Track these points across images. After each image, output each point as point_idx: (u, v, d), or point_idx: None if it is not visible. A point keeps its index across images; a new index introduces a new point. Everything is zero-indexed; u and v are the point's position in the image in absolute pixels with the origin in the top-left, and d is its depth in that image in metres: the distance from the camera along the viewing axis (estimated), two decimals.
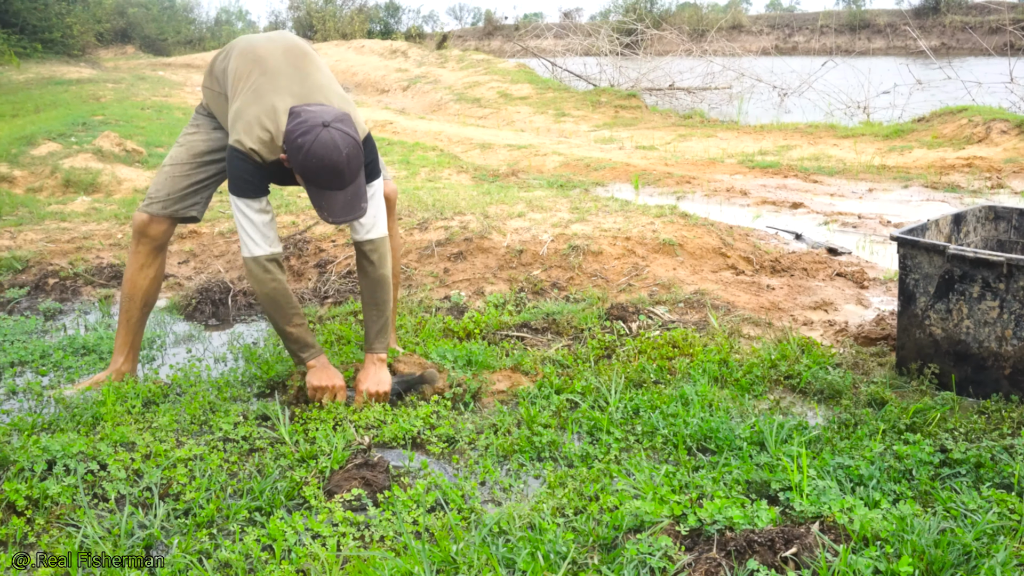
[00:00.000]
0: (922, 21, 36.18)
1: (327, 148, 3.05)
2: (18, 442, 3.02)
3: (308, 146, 3.05)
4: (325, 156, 3.06)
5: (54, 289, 5.07)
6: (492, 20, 45.04)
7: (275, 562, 2.38)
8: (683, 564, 2.32)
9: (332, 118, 3.12)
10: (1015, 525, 2.48)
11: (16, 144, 9.17)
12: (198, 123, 3.72)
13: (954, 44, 29.91)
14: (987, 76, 14.65)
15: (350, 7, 28.58)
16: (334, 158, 3.06)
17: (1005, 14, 25.41)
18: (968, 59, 22.76)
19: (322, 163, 3.07)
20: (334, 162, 3.07)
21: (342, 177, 3.12)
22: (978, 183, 7.89)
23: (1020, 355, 3.30)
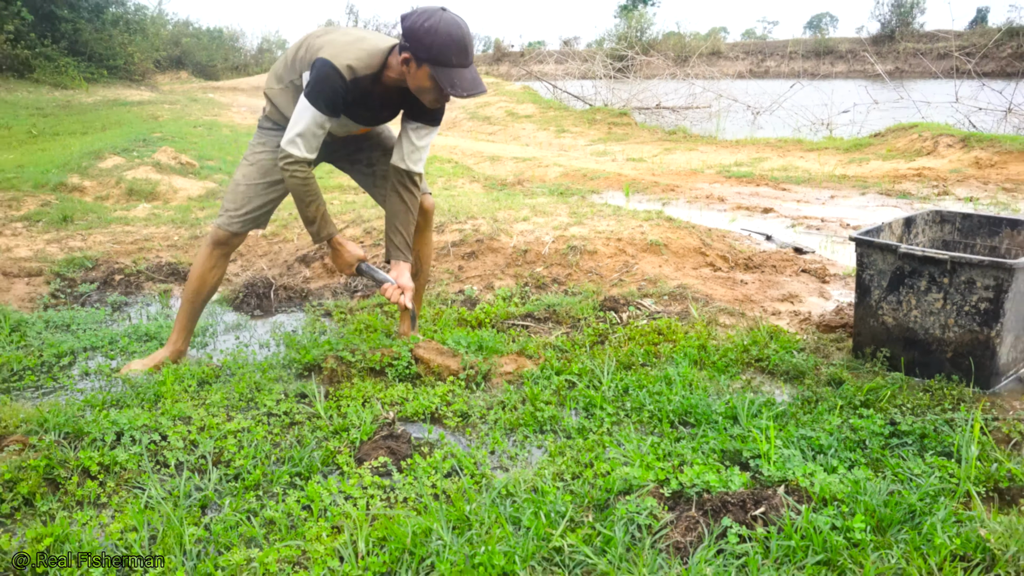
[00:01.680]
0: (879, 48, 36.04)
1: (454, 25, 2.98)
2: (91, 416, 3.06)
3: (436, 26, 2.96)
4: (455, 31, 2.98)
5: (120, 284, 5.11)
6: (500, 47, 44.94)
7: (313, 519, 2.42)
8: (666, 522, 2.35)
9: (445, 5, 3.05)
10: (954, 487, 2.51)
11: (86, 158, 9.20)
12: (264, 140, 3.57)
13: (907, 68, 29.80)
14: (935, 96, 14.62)
15: None
16: (463, 32, 3.00)
17: (952, 42, 25.30)
18: (919, 81, 22.68)
19: (452, 38, 2.97)
20: (463, 35, 3.00)
21: (467, 52, 3.05)
22: (927, 191, 7.88)
23: (960, 341, 3.32)
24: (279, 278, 5.06)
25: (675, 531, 2.32)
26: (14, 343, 3.95)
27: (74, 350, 3.90)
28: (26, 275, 5.16)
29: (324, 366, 3.54)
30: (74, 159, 9.19)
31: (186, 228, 6.39)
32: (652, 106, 18.59)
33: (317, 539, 2.30)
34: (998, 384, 3.35)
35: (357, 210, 6.39)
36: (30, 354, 3.81)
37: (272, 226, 6.13)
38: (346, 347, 3.67)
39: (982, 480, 2.56)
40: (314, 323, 4.27)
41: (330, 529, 2.36)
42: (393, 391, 3.33)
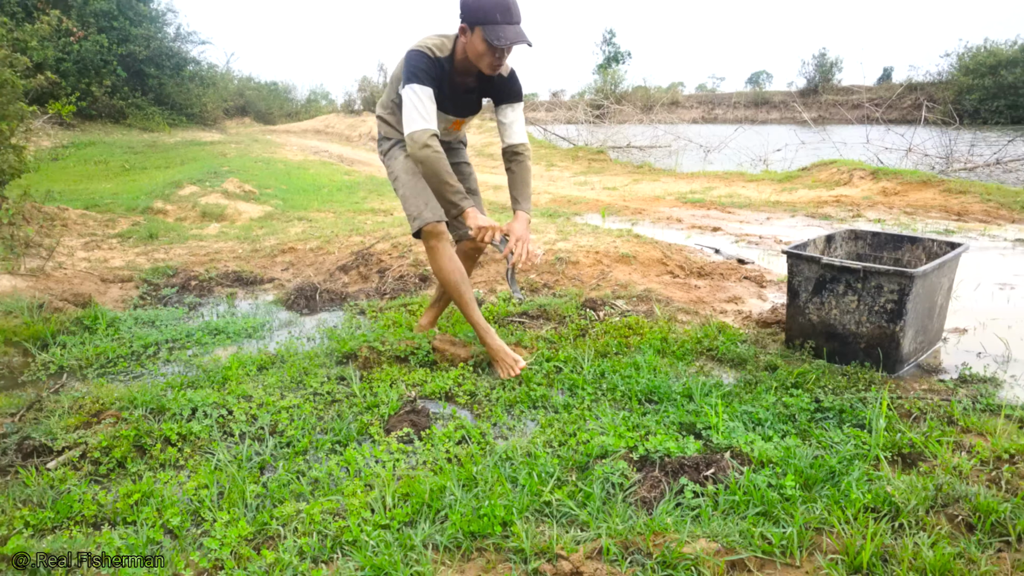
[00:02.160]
0: (805, 99, 36.07)
1: None
2: (171, 395, 3.06)
3: None
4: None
5: (195, 288, 5.11)
6: None
7: (350, 479, 2.42)
8: (635, 480, 2.35)
9: None
10: (866, 453, 2.51)
11: (168, 187, 9.20)
12: (393, 153, 3.37)
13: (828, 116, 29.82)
14: (850, 138, 14.66)
15: None
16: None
17: (863, 94, 25.41)
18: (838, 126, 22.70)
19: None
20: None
21: (511, 11, 2.88)
22: (844, 214, 7.88)
23: (871, 334, 3.32)
24: (323, 284, 5.06)
25: (642, 488, 2.31)
26: (110, 336, 3.95)
27: (158, 342, 3.89)
28: (119, 281, 5.16)
29: (359, 354, 3.53)
30: (159, 188, 9.19)
31: (248, 243, 6.39)
32: (624, 145, 18.60)
33: (353, 495, 2.30)
34: (902, 369, 3.35)
35: (386, 228, 6.39)
36: (122, 345, 3.81)
37: (316, 241, 6.13)
38: (377, 339, 3.66)
39: (888, 447, 2.55)
40: (351, 320, 4.26)
41: (363, 486, 2.35)
42: (415, 375, 3.33)
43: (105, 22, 19.10)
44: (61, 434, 2.74)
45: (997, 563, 1.95)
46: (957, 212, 7.67)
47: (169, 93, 21.29)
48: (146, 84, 20.61)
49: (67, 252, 5.90)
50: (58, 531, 2.19)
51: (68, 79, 18.10)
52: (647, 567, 1.93)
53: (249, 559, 2.02)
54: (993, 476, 2.37)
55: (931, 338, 3.59)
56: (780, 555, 1.99)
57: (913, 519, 2.12)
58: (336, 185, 10.41)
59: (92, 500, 2.31)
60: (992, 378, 3.28)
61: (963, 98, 29.35)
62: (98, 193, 9.12)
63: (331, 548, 2.07)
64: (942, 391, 3.13)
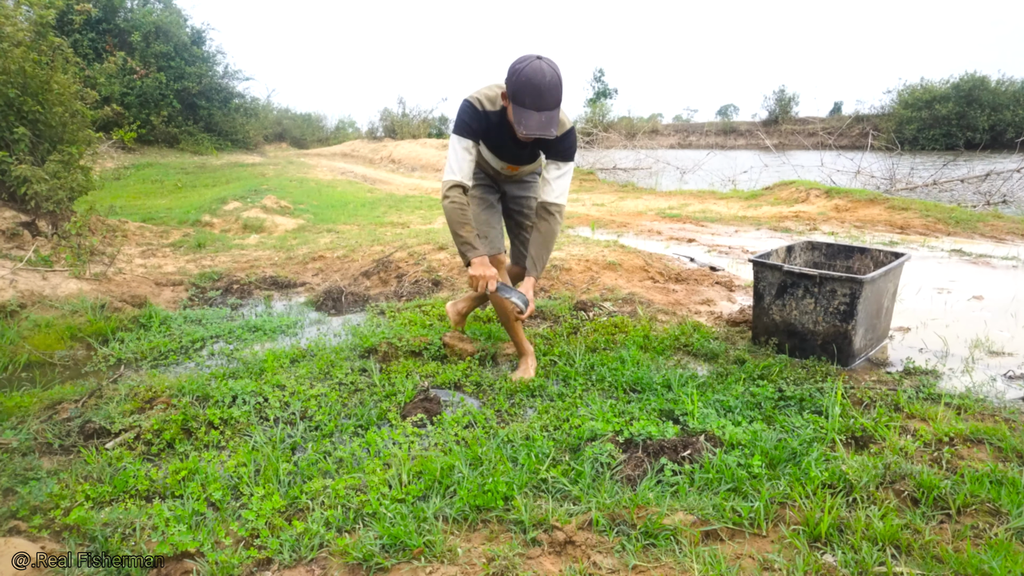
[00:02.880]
0: (768, 128, 36.02)
1: (537, 72, 2.55)
2: (215, 384, 3.03)
3: (522, 69, 2.56)
4: (534, 78, 2.54)
5: (236, 291, 5.07)
6: None
7: (370, 458, 2.39)
8: (621, 460, 2.31)
9: (542, 56, 2.62)
10: (823, 436, 2.48)
11: (215, 203, 9.17)
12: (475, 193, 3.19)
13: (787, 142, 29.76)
14: (807, 162, 14.61)
15: (417, 119, 28.54)
16: (537, 80, 2.55)
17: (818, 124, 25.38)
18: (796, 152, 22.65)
19: (530, 83, 2.55)
20: (540, 82, 2.55)
21: (541, 97, 2.57)
22: (802, 227, 7.84)
23: (827, 332, 3.28)
24: (348, 287, 5.02)
25: (627, 467, 2.28)
26: (162, 333, 3.92)
27: (204, 338, 3.86)
28: (171, 284, 5.13)
29: (379, 349, 3.50)
30: (206, 204, 9.17)
31: (283, 252, 6.36)
32: (611, 167, 18.55)
33: (373, 472, 2.26)
34: (854, 363, 3.31)
35: (403, 239, 6.36)
36: (173, 340, 3.77)
37: (343, 250, 6.10)
38: (395, 336, 3.63)
39: (843, 431, 2.52)
40: (372, 319, 4.22)
41: (382, 465, 2.32)
42: (427, 367, 3.29)
43: (164, 62, 19.11)
44: (118, 418, 2.71)
45: (939, 533, 1.91)
46: (900, 226, 7.63)
47: (217, 122, 21.28)
48: (197, 114, 20.60)
49: (126, 259, 5.87)
50: (115, 503, 2.16)
51: (131, 110, 18.10)
52: (631, 536, 1.89)
53: (281, 528, 1.99)
54: (935, 456, 2.34)
55: (879, 335, 3.55)
56: (749, 526, 1.96)
57: (865, 494, 2.08)
58: (360, 201, 10.38)
59: (145, 476, 2.28)
60: (932, 370, 3.25)
61: (903, 128, 29.30)
62: (154, 208, 9.09)
63: (353, 519, 2.03)
64: (889, 382, 3.09)
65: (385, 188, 13.24)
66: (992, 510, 2.00)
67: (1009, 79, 30.10)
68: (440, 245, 5.81)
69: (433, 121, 31.36)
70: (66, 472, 2.32)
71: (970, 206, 9.60)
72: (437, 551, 1.85)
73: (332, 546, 1.90)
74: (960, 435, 2.48)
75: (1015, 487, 2.08)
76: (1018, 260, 5.70)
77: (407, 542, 1.88)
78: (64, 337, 3.73)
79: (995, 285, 4.88)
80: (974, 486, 2.08)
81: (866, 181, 12.22)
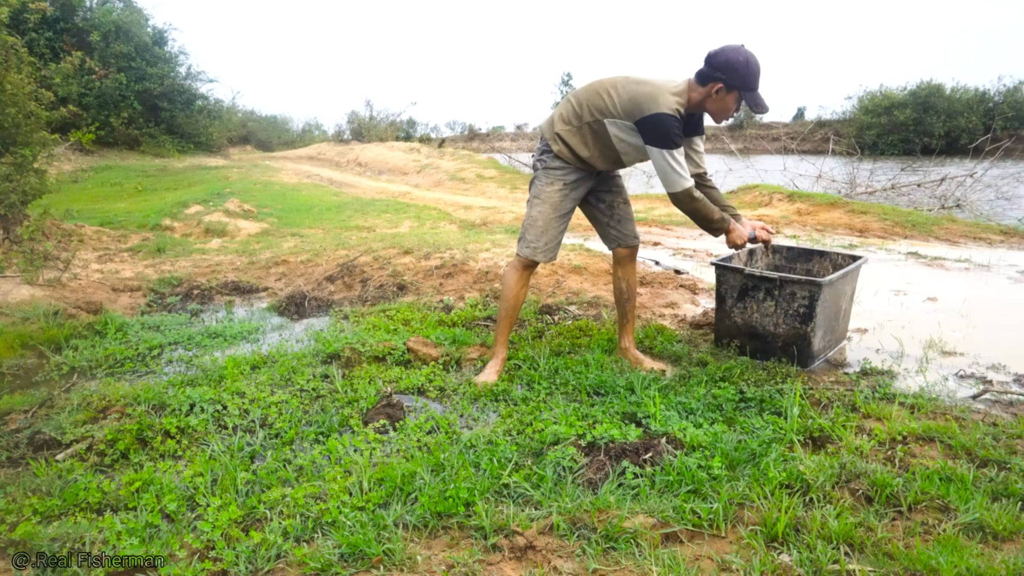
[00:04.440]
0: (733, 133, 36.57)
1: (755, 57, 2.80)
2: (172, 392, 2.96)
3: (748, 59, 2.75)
4: (756, 63, 2.80)
5: (197, 297, 4.97)
6: (473, 130, 44.88)
7: (331, 466, 2.35)
8: (583, 464, 2.32)
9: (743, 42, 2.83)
10: (782, 437, 2.51)
11: (176, 207, 8.99)
12: (552, 179, 3.12)
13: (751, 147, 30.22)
14: (771, 166, 14.85)
15: (385, 122, 28.37)
16: (756, 63, 2.80)
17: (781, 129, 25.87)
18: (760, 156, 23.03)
19: (759, 69, 2.79)
20: (758, 66, 2.80)
21: (758, 77, 2.82)
22: None
23: (787, 334, 3.34)
24: (312, 292, 4.96)
25: (589, 470, 2.28)
26: (118, 340, 3.82)
27: (162, 344, 3.77)
28: (129, 290, 5.02)
29: (342, 354, 3.46)
30: (168, 207, 8.98)
31: (246, 256, 6.25)
32: None
33: (334, 480, 2.23)
34: (813, 364, 3.37)
35: (369, 243, 6.30)
36: (130, 347, 3.68)
37: (307, 254, 6.02)
38: (358, 341, 3.59)
39: (801, 431, 2.56)
40: (336, 324, 4.17)
41: (343, 473, 2.29)
42: (391, 372, 3.26)
43: (124, 63, 18.69)
44: (70, 428, 2.64)
45: (891, 530, 1.95)
46: (860, 229, 7.81)
47: (180, 124, 20.88)
48: (159, 116, 20.20)
49: (82, 264, 5.72)
50: (64, 517, 2.09)
51: (89, 111, 17.69)
52: (592, 540, 1.90)
53: (238, 539, 1.95)
54: (889, 455, 2.39)
55: (838, 337, 3.63)
56: (708, 527, 1.97)
57: (821, 494, 2.12)
58: (326, 205, 10.27)
59: (97, 488, 2.22)
60: (888, 371, 3.32)
61: (864, 133, 29.98)
62: (113, 212, 8.88)
63: (312, 528, 2.00)
64: (847, 382, 3.15)
65: (352, 192, 13.13)
66: (941, 506, 2.05)
67: (963, 87, 31.04)
68: (405, 249, 5.78)
69: (401, 124, 31.21)
70: (13, 486, 2.25)
71: (926, 210, 9.86)
72: (397, 559, 1.83)
73: (290, 557, 1.87)
74: (913, 434, 2.54)
75: (963, 484, 2.13)
76: (970, 262, 5.87)
77: (366, 551, 1.86)
78: (14, 345, 3.62)
79: (949, 287, 5.02)
80: (925, 483, 2.13)
81: (827, 185, 12.47)
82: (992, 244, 6.85)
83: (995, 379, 3.24)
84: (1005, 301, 4.64)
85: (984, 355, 3.56)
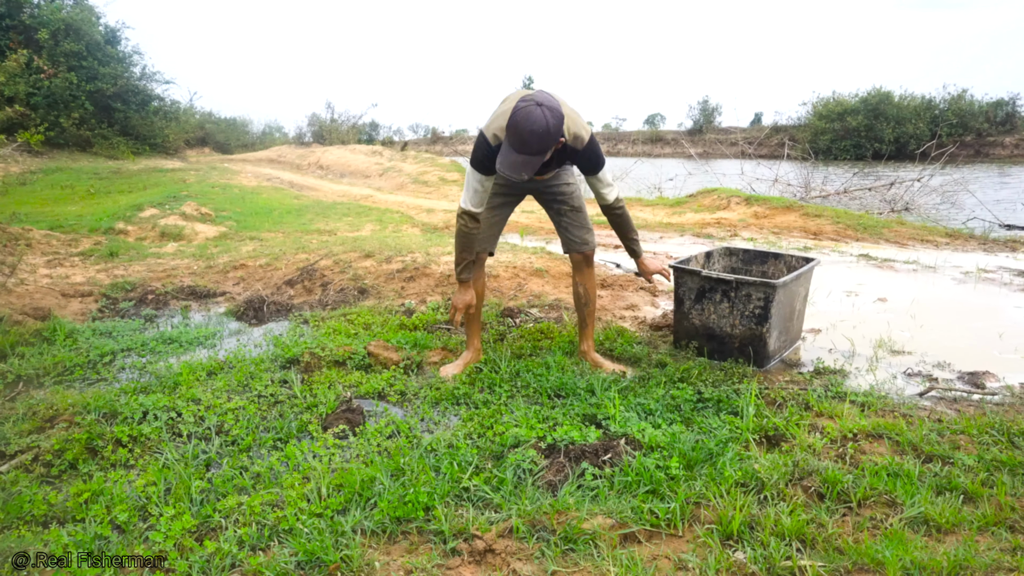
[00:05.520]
0: (692, 137, 37.18)
1: (526, 119, 2.58)
2: (124, 400, 2.88)
3: (518, 111, 2.60)
4: (521, 123, 2.58)
5: (152, 302, 4.84)
6: (436, 133, 44.75)
7: (289, 472, 2.32)
8: (543, 466, 2.33)
9: (546, 103, 2.63)
10: (738, 436, 2.56)
11: (130, 210, 8.74)
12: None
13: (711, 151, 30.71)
14: (729, 170, 15.13)
15: (347, 125, 28.06)
16: (524, 126, 2.58)
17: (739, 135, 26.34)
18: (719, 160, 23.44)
19: (516, 127, 2.59)
20: (524, 129, 2.58)
21: (522, 142, 2.60)
22: (723, 233, 8.12)
23: (744, 335, 3.40)
24: (271, 296, 4.88)
25: (549, 472, 2.29)
26: (68, 347, 3.70)
27: (114, 351, 3.66)
28: (80, 296, 4.86)
29: (301, 359, 3.41)
30: (121, 210, 8.74)
31: (203, 260, 6.12)
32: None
33: (291, 487, 2.20)
34: (769, 364, 3.44)
35: (329, 247, 6.23)
36: (80, 354, 3.57)
37: (266, 258, 5.92)
38: (318, 345, 3.55)
39: (757, 430, 2.61)
40: (295, 329, 4.11)
41: (301, 479, 2.26)
42: (351, 377, 3.22)
43: (75, 61, 18.14)
44: (15, 439, 2.55)
45: (841, 525, 2.01)
46: (814, 232, 8.00)
47: (134, 125, 20.33)
48: (113, 117, 19.64)
49: (30, 269, 5.53)
50: (7, 531, 2.02)
51: (38, 111, 17.13)
52: (551, 542, 1.90)
53: (191, 550, 1.91)
54: (840, 452, 2.45)
55: (792, 337, 3.71)
56: (666, 527, 2.00)
57: (775, 491, 2.16)
58: (286, 208, 10.11)
59: (43, 500, 2.14)
60: (840, 370, 3.41)
61: (818, 139, 30.77)
62: (63, 215, 8.60)
63: (268, 537, 1.97)
64: (801, 382, 3.22)
65: (313, 195, 12.96)
66: (889, 501, 2.11)
67: (911, 95, 32.14)
68: (366, 253, 5.72)
69: (363, 127, 30.94)
70: None
71: (877, 213, 10.17)
72: (354, 566, 1.81)
73: (245, 566, 1.84)
74: (863, 431, 2.61)
75: (910, 479, 2.20)
76: (918, 264, 6.06)
77: (324, 558, 1.83)
78: None
79: (898, 288, 5.18)
80: (873, 479, 2.19)
81: (783, 189, 12.76)
82: (938, 246, 7.09)
83: (940, 377, 3.35)
84: (950, 301, 4.81)
85: (931, 354, 3.68)
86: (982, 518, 2.01)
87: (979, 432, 2.58)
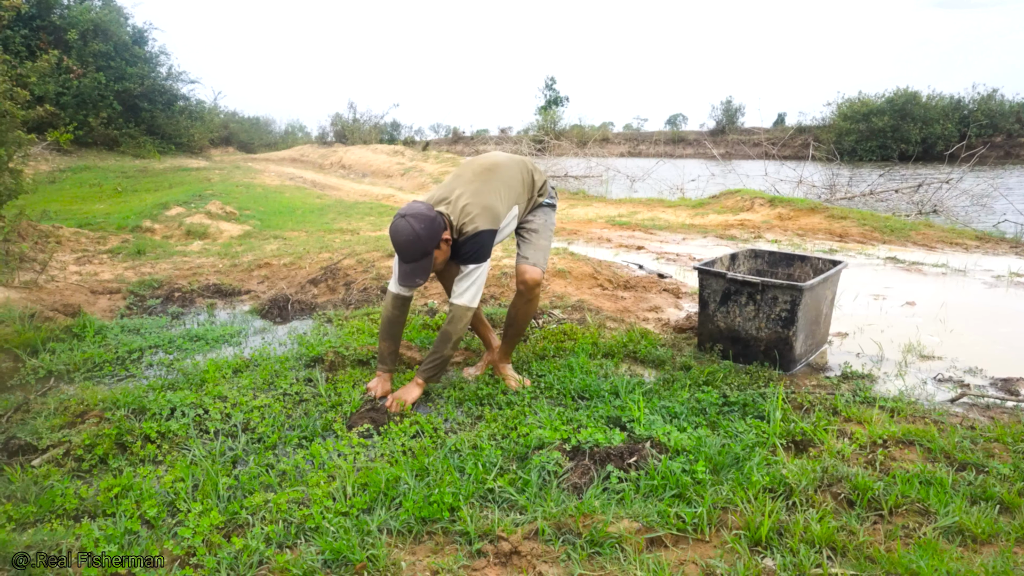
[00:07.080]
0: (715, 138, 36.88)
1: (392, 231, 2.71)
2: (152, 396, 2.92)
3: (390, 227, 2.73)
4: (392, 237, 2.71)
5: (178, 299, 4.91)
6: (457, 133, 44.85)
7: (314, 471, 2.33)
8: (568, 468, 2.32)
9: (410, 212, 2.70)
10: (765, 440, 2.53)
11: (157, 208, 8.87)
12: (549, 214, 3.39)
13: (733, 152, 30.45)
14: (752, 171, 15.01)
15: (368, 124, 28.21)
16: (393, 237, 2.71)
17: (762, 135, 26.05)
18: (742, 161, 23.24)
19: (392, 241, 2.72)
20: (394, 240, 2.71)
21: (402, 254, 2.74)
22: (747, 235, 8.04)
23: (769, 339, 3.36)
24: (295, 295, 4.92)
25: (574, 475, 2.28)
26: (97, 343, 3.76)
27: (142, 348, 3.72)
28: (108, 293, 4.94)
29: (325, 358, 3.43)
30: (147, 209, 8.86)
31: (228, 259, 6.19)
32: (562, 175, 18.67)
33: (317, 485, 2.21)
34: (795, 368, 3.40)
35: (352, 246, 6.26)
36: (109, 351, 3.62)
37: (290, 257, 5.97)
38: (342, 344, 3.57)
39: (784, 435, 2.58)
40: (319, 328, 4.14)
41: (326, 477, 2.27)
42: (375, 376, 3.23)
43: (103, 62, 18.43)
44: (46, 433, 2.59)
45: (872, 533, 1.97)
46: (839, 234, 7.90)
47: (160, 125, 20.61)
48: (139, 116, 19.93)
49: (60, 266, 5.63)
50: (40, 524, 2.05)
51: (67, 111, 17.41)
52: (577, 545, 1.89)
53: (219, 546, 1.92)
54: (870, 458, 2.41)
55: (818, 341, 3.66)
56: (692, 532, 1.98)
57: (804, 497, 2.13)
58: (308, 208, 10.20)
59: (74, 494, 2.18)
60: (868, 374, 3.36)
61: (842, 139, 30.38)
62: (91, 213, 8.74)
63: (295, 534, 1.98)
64: (828, 386, 3.18)
65: (335, 194, 13.05)
66: (921, 510, 2.07)
67: (939, 95, 31.58)
68: (389, 252, 5.75)
69: (384, 127, 31.07)
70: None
71: (904, 215, 10.01)
72: (380, 565, 1.82)
73: (272, 563, 1.85)
74: (893, 437, 2.57)
75: (942, 487, 2.16)
76: (947, 267, 5.96)
77: (350, 557, 1.84)
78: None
79: (926, 291, 5.09)
80: (905, 487, 2.15)
81: (807, 191, 12.61)
82: (968, 249, 6.96)
83: (972, 383, 3.28)
84: (981, 305, 4.71)
85: (961, 359, 3.61)
86: (1020, 529, 1.96)
87: (1015, 440, 2.52)
